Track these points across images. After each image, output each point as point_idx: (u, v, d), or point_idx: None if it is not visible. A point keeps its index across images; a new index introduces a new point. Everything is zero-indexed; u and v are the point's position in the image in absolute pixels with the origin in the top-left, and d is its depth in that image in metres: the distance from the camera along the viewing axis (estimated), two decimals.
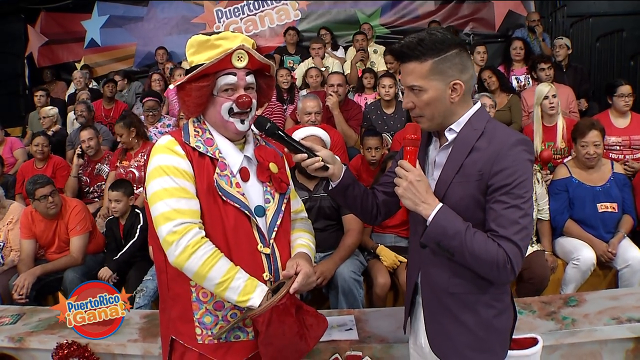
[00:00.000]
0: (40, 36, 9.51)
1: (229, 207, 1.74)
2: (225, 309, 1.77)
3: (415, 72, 1.63)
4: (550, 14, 8.49)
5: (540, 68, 5.38)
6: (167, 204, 1.67)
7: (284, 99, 6.21)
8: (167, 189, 1.69)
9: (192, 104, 1.76)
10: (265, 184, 1.87)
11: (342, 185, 1.85)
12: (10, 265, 4.19)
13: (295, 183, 3.60)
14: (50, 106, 6.68)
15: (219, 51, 1.73)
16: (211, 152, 1.77)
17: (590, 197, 3.81)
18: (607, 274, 3.81)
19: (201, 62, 1.73)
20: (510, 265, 1.54)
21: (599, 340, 2.55)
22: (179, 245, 1.64)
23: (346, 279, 3.38)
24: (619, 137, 4.59)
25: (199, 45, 1.76)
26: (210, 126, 1.83)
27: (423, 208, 1.61)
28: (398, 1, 8.95)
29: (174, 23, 9.44)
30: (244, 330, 1.79)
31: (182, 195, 1.69)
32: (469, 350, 1.71)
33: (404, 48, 1.65)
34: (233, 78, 1.76)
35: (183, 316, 1.78)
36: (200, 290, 1.75)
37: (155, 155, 1.75)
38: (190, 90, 1.74)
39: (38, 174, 4.50)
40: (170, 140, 1.76)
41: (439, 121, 1.68)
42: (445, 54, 1.61)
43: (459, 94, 1.64)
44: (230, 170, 1.78)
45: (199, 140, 1.77)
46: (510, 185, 1.55)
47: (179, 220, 1.66)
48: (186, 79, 1.75)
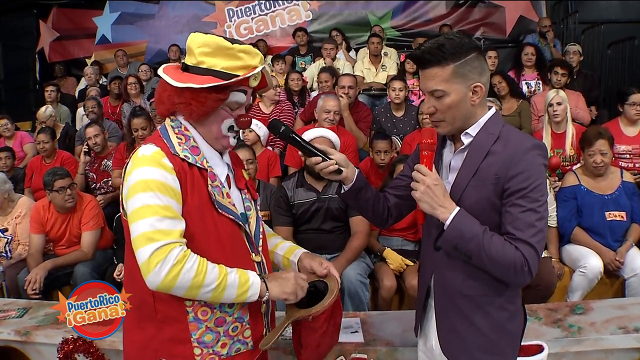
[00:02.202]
0: (51, 31, 9.56)
1: (223, 219, 1.68)
2: (226, 323, 1.69)
3: (437, 76, 1.64)
4: (561, 20, 8.46)
5: (554, 72, 5.35)
6: (150, 224, 1.52)
7: (294, 102, 6.21)
8: (151, 207, 1.53)
9: (201, 111, 1.63)
10: (243, 191, 1.83)
11: (355, 189, 1.86)
12: (17, 259, 4.21)
13: (304, 184, 3.61)
14: (45, 106, 6.44)
15: (240, 65, 1.63)
16: (199, 162, 1.66)
17: (599, 205, 3.79)
18: (614, 282, 3.78)
19: (215, 69, 1.62)
20: (527, 268, 1.56)
21: (605, 349, 2.54)
22: (165, 265, 1.50)
23: (352, 281, 3.38)
24: (629, 146, 4.56)
25: (218, 48, 1.61)
26: (195, 132, 1.71)
27: (440, 212, 1.63)
28: (410, 4, 8.95)
29: (184, 21, 9.47)
30: (244, 342, 1.74)
31: (166, 214, 1.54)
32: (480, 352, 1.72)
33: (425, 54, 1.65)
34: (243, 97, 1.71)
35: (177, 338, 1.66)
36: (199, 309, 1.65)
37: (140, 167, 1.58)
38: (206, 98, 1.60)
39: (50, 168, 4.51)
40: (156, 152, 1.60)
41: (459, 125, 1.70)
42: (466, 57, 1.63)
43: (479, 96, 1.66)
44: (220, 181, 1.70)
45: (185, 149, 1.64)
46: (527, 189, 1.57)
47: (162, 242, 1.51)
48: (209, 86, 1.59)
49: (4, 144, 6.00)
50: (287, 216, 3.60)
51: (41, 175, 4.65)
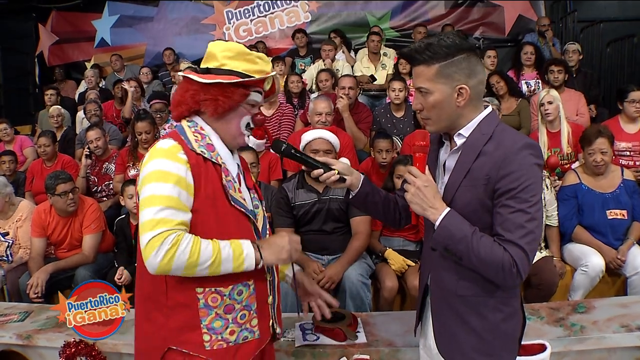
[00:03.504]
0: (51, 35, 9.57)
1: (235, 212, 1.77)
2: (235, 310, 1.77)
3: (423, 74, 1.68)
4: (560, 19, 8.45)
5: (550, 70, 5.36)
6: (153, 213, 1.61)
7: (294, 104, 6.20)
8: (160, 196, 1.62)
9: (228, 106, 1.77)
10: (252, 191, 1.94)
11: (361, 194, 1.93)
12: (18, 263, 4.22)
13: (304, 185, 3.61)
14: (58, 106, 6.67)
15: (257, 68, 1.82)
16: (214, 157, 1.76)
17: (600, 203, 3.79)
18: (615, 281, 3.79)
19: (238, 70, 1.79)
20: (516, 269, 1.54)
21: (608, 347, 2.54)
22: (161, 250, 1.58)
23: (354, 282, 3.38)
24: (629, 143, 4.57)
25: (238, 54, 1.81)
26: (211, 131, 1.83)
27: (431, 213, 1.65)
28: (408, 4, 8.94)
29: (184, 23, 9.46)
30: (251, 330, 1.81)
31: (174, 205, 1.63)
32: (475, 353, 1.71)
33: (412, 52, 1.70)
34: (260, 97, 1.88)
35: (188, 324, 1.73)
36: (209, 295, 1.73)
37: (156, 159, 1.68)
38: (233, 92, 1.77)
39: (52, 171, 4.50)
40: (173, 145, 1.70)
41: (445, 124, 1.71)
42: (452, 58, 1.64)
43: (465, 98, 1.66)
44: (232, 176, 1.81)
45: (201, 145, 1.75)
46: (516, 190, 1.56)
47: (160, 230, 1.59)
48: (237, 81, 1.77)
49: (4, 148, 6.01)
50: (288, 217, 3.60)
51: (42, 178, 4.66)
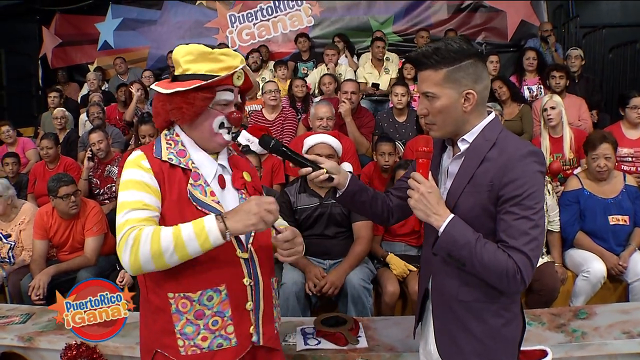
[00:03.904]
0: (54, 37, 9.60)
1: (202, 215, 1.72)
2: (206, 317, 1.75)
3: (429, 79, 1.67)
4: (563, 25, 8.45)
5: (552, 76, 5.35)
6: (122, 217, 1.69)
7: (297, 109, 6.20)
8: (126, 202, 1.71)
9: (192, 112, 1.76)
10: (240, 191, 1.90)
11: (348, 193, 1.93)
12: (20, 265, 4.22)
13: (307, 190, 3.61)
14: (62, 108, 6.70)
15: (223, 66, 1.78)
16: (184, 163, 1.80)
17: (602, 209, 3.79)
18: (617, 287, 3.78)
19: (200, 72, 1.76)
20: (520, 276, 1.54)
21: (609, 354, 2.53)
22: (126, 249, 1.63)
23: (355, 287, 3.38)
24: (631, 149, 4.58)
25: (200, 55, 1.77)
26: (185, 137, 1.85)
27: (434, 219, 1.64)
28: (411, 9, 8.96)
29: (187, 27, 9.49)
30: (226, 337, 1.78)
31: (139, 207, 1.70)
32: (476, 357, 1.71)
33: (420, 56, 1.69)
34: (230, 95, 1.84)
35: (165, 329, 1.77)
36: (179, 300, 1.74)
37: (124, 171, 1.79)
38: (194, 99, 1.75)
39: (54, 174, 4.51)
40: (138, 155, 1.79)
41: (450, 129, 1.71)
42: (460, 63, 1.64)
43: (471, 104, 1.66)
44: (204, 180, 1.81)
45: (171, 152, 1.80)
46: (521, 197, 1.56)
47: (125, 230, 1.66)
48: (195, 86, 1.73)
49: (6, 150, 6.02)
50: (290, 221, 3.59)
51: (44, 181, 4.66)
